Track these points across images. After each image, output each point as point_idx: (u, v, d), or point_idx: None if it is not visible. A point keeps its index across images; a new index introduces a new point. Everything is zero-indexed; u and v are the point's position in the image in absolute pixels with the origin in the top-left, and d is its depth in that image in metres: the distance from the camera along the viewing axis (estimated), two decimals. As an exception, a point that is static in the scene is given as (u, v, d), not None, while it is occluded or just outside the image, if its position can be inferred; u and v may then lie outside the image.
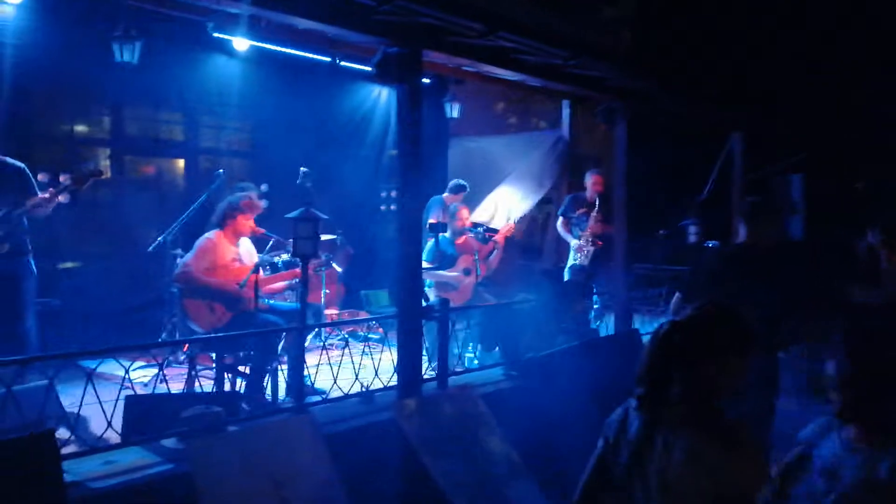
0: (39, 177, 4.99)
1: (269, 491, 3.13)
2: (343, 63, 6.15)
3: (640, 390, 1.91)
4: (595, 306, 6.40)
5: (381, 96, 7.84)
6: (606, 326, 6.01)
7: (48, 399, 3.55)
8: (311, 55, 6.57)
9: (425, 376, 4.30)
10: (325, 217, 3.93)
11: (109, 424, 3.16)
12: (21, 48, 5.34)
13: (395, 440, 3.69)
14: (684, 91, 6.03)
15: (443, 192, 7.97)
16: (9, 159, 4.51)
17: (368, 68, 4.05)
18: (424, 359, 4.28)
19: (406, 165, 3.93)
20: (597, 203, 6.53)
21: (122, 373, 3.64)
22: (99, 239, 6.15)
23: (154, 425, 3.41)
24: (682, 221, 6.79)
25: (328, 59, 6.21)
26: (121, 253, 6.07)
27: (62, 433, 3.25)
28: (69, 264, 6.11)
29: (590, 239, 6.49)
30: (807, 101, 7.30)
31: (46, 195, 4.37)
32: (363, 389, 4.09)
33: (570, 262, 6.84)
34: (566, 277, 6.83)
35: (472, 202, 7.66)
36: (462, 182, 7.13)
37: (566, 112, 8.03)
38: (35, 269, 4.69)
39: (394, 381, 4.16)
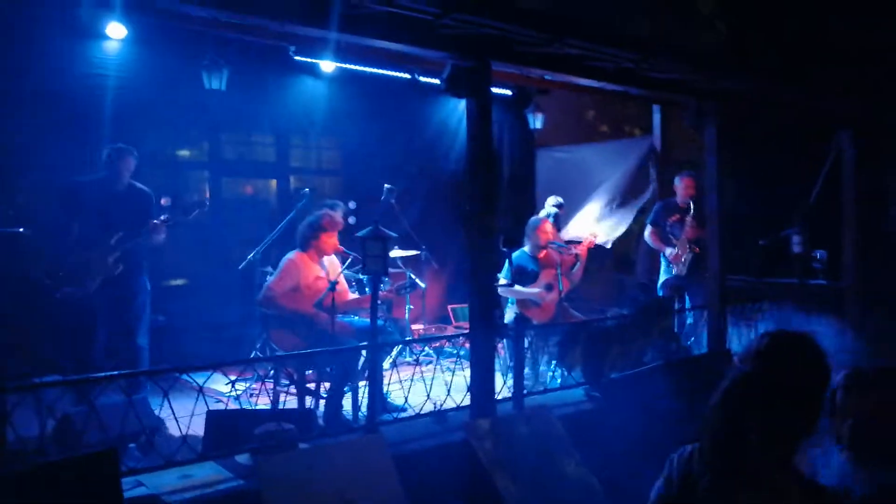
0: (163, 201, 5.42)
1: (336, 510, 3.13)
2: (422, 79, 6.18)
3: (711, 441, 1.71)
4: (689, 322, 6.06)
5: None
6: (699, 344, 5.67)
7: (145, 410, 3.78)
8: (391, 73, 6.68)
9: (501, 396, 4.18)
10: (394, 235, 3.92)
11: (185, 440, 3.26)
12: (123, 80, 5.73)
13: (466, 461, 3.60)
14: (785, 86, 5.61)
15: (533, 204, 7.87)
16: (137, 184, 4.91)
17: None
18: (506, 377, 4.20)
19: (475, 179, 3.85)
20: (691, 207, 6.20)
21: (219, 387, 3.81)
22: (200, 258, 6.47)
23: (232, 441, 3.50)
24: (785, 230, 6.30)
25: (408, 76, 6.25)
26: (218, 271, 6.35)
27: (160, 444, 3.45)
28: (176, 282, 6.46)
29: (687, 246, 6.16)
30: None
31: (157, 222, 4.73)
32: (435, 409, 4.03)
33: (664, 275, 6.52)
34: (659, 292, 6.53)
35: (566, 215, 7.49)
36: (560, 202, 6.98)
37: (657, 117, 7.71)
38: (149, 287, 5.04)
39: (467, 401, 4.08)
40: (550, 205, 7.07)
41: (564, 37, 3.59)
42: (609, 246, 7.39)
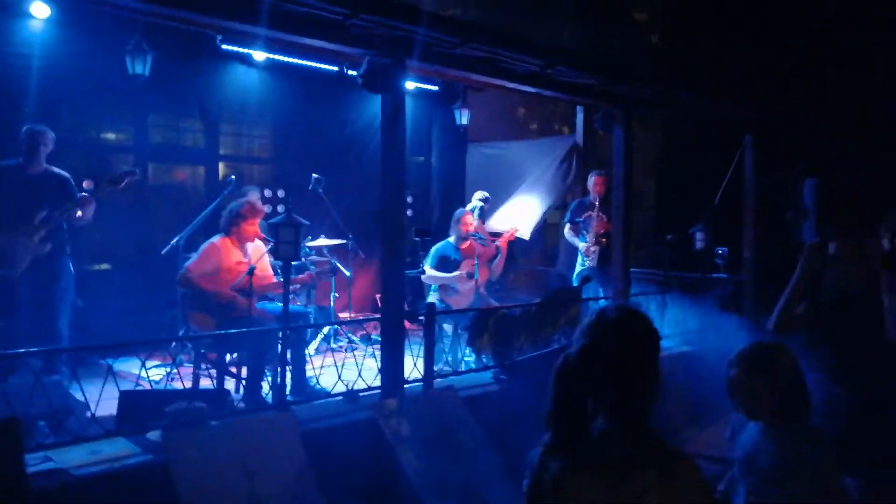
0: (84, 184, 5.40)
1: (241, 482, 3.30)
2: (350, 72, 6.33)
3: (554, 431, 1.68)
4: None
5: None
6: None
7: (57, 391, 3.84)
8: (322, 65, 6.81)
9: (411, 377, 4.40)
10: (306, 223, 4.07)
11: (93, 417, 3.37)
12: (46, 60, 5.68)
13: (372, 438, 3.81)
14: (687, 93, 6.01)
15: (463, 198, 8.11)
16: (54, 169, 4.90)
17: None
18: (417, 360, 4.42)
19: (386, 173, 4.06)
20: (597, 203, 6.58)
21: (136, 370, 3.91)
22: (124, 243, 6.46)
23: (144, 419, 3.61)
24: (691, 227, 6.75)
25: (336, 69, 6.39)
26: (142, 256, 6.37)
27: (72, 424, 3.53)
28: (99, 266, 6.44)
29: (594, 239, 6.55)
30: (823, 104, 7.17)
31: (86, 195, 4.75)
32: (347, 389, 4.23)
33: (578, 266, 6.89)
34: (574, 282, 6.88)
35: (491, 208, 7.75)
36: (487, 196, 7.22)
37: (580, 116, 8.06)
38: (73, 271, 5.05)
39: (378, 382, 4.29)
40: (476, 199, 7.33)
41: (470, 41, 3.81)
42: (527, 237, 7.71)
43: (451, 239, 6.24)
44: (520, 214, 7.93)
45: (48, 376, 3.97)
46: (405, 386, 4.30)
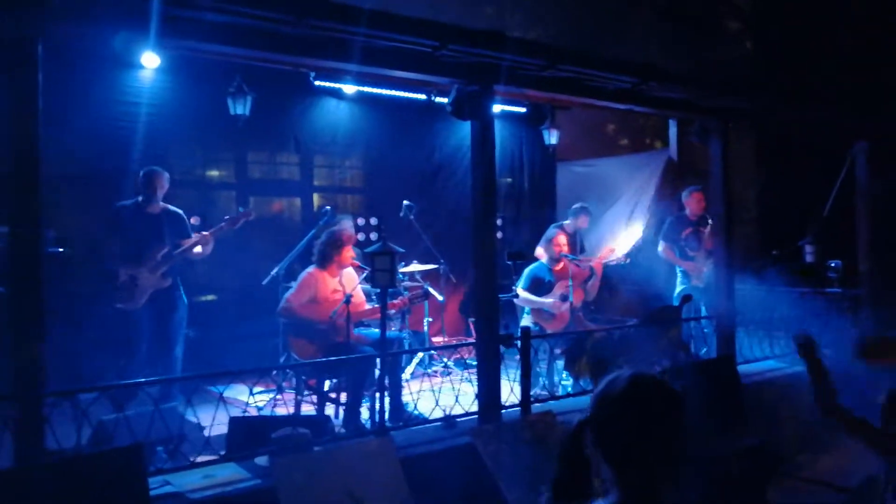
0: (192, 220, 5.79)
1: (344, 507, 3.35)
2: (437, 99, 6.43)
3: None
4: (706, 331, 6.16)
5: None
6: (712, 352, 5.78)
7: (173, 417, 4.05)
8: (410, 94, 6.97)
9: (508, 402, 4.36)
10: (401, 250, 4.14)
11: (208, 442, 3.52)
12: (155, 107, 6.11)
13: (471, 463, 3.79)
14: (797, 102, 5.73)
15: (555, 219, 8.02)
16: (170, 207, 5.28)
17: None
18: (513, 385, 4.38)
19: (476, 197, 4.07)
20: (707, 220, 6.33)
21: (244, 397, 4.10)
22: (228, 274, 6.79)
23: (252, 445, 3.75)
24: (800, 240, 6.40)
25: (424, 97, 6.51)
26: (245, 286, 6.65)
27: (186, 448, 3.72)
28: (206, 297, 6.79)
29: (705, 255, 6.31)
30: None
31: (207, 234, 5.09)
32: (444, 415, 4.23)
33: (679, 286, 6.65)
34: (675, 302, 6.64)
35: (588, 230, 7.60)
36: (582, 205, 7.03)
37: (673, 130, 7.84)
38: (186, 301, 5.39)
39: (474, 407, 4.27)
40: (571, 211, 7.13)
41: (557, 63, 3.80)
42: (626, 261, 7.49)
43: (545, 260, 6.17)
44: (617, 234, 7.75)
45: (164, 403, 4.20)
46: (502, 411, 4.26)
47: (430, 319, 6.69)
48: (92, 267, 5.52)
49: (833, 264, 6.41)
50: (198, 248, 5.20)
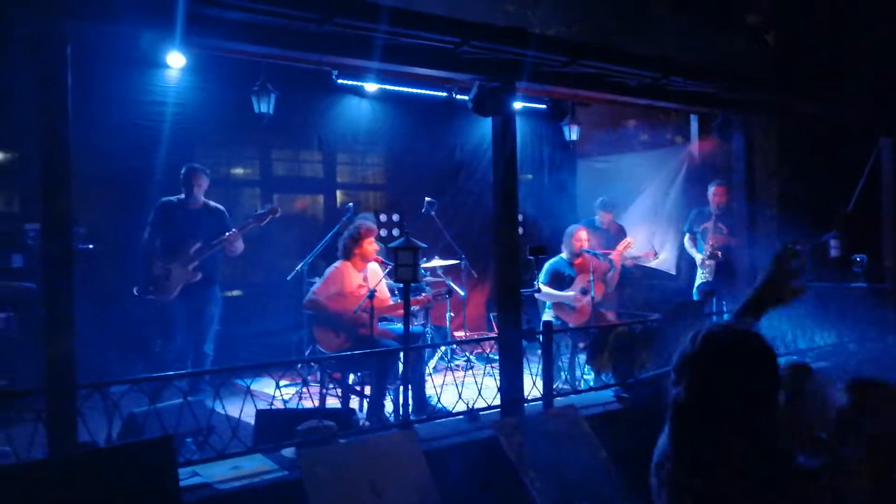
0: None
1: (369, 497, 3.40)
2: (458, 97, 6.46)
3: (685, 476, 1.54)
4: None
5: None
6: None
7: (201, 410, 4.14)
8: (432, 92, 7.00)
9: (530, 396, 4.39)
10: (424, 245, 4.18)
11: (234, 434, 3.59)
12: (181, 106, 6.21)
13: (494, 457, 3.82)
14: (820, 96, 5.68)
15: (575, 214, 8.01)
16: (211, 203, 5.40)
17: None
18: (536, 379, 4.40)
19: (498, 193, 4.10)
20: (715, 214, 6.33)
21: (270, 390, 4.17)
22: (254, 270, 6.90)
23: (278, 437, 3.81)
24: (824, 235, 6.34)
25: (444, 95, 6.55)
26: (270, 282, 6.75)
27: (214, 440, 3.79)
28: (233, 293, 6.90)
29: (708, 251, 6.30)
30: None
31: (235, 231, 5.20)
32: (467, 408, 4.27)
33: (698, 279, 6.63)
34: (695, 296, 6.63)
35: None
36: (606, 198, 7.00)
37: (694, 125, 7.80)
38: (220, 297, 5.49)
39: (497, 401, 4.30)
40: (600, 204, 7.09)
41: (579, 59, 3.81)
42: (651, 264, 7.43)
43: (564, 255, 6.19)
44: (639, 229, 7.73)
45: (193, 396, 4.28)
46: (525, 404, 4.29)
47: (452, 314, 6.74)
48: (120, 263, 5.65)
49: (858, 258, 6.34)
50: (239, 244, 5.29)
